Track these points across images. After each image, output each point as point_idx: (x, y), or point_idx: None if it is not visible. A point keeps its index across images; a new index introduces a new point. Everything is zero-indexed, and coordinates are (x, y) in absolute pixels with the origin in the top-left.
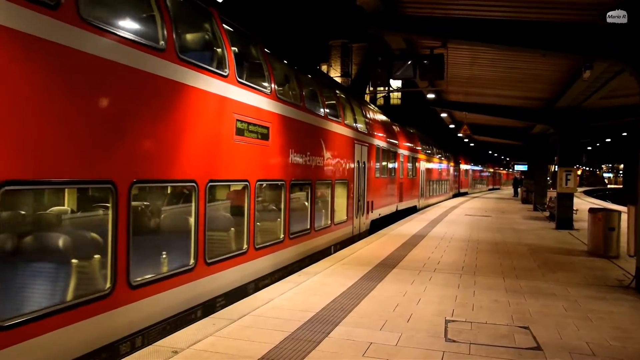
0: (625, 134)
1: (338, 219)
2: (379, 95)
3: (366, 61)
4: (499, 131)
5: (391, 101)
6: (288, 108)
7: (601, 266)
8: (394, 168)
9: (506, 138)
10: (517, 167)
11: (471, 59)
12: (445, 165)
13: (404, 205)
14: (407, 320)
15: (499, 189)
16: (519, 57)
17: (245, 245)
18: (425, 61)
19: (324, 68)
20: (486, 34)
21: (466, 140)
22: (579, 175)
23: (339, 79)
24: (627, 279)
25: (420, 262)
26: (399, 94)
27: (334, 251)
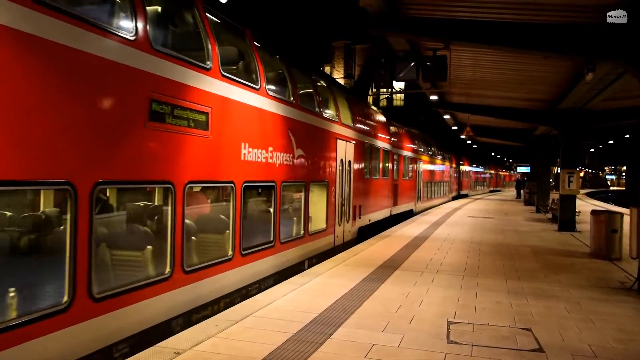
0: (628, 136)
1: (314, 227)
2: (382, 97)
3: (369, 63)
4: (501, 133)
5: (394, 103)
6: (240, 91)
7: (603, 268)
8: (387, 168)
9: (509, 140)
10: (519, 169)
11: (474, 60)
12: (444, 167)
13: (398, 209)
14: (409, 322)
15: (499, 190)
16: (521, 59)
17: (168, 268)
18: (428, 63)
19: (327, 69)
20: (489, 35)
21: (469, 142)
22: (581, 177)
23: (341, 81)
24: (630, 281)
25: (422, 263)
26: (402, 95)
27: (309, 266)
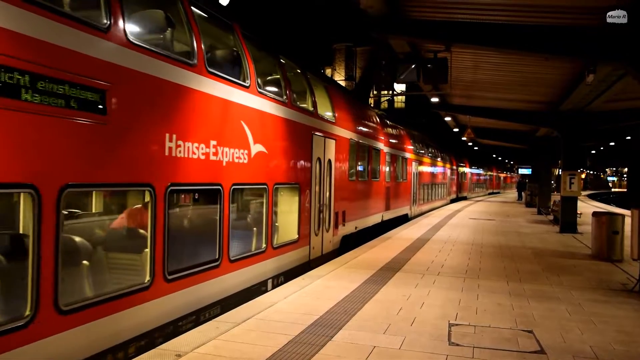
0: (629, 137)
1: (281, 239)
2: (383, 99)
3: (370, 65)
4: (503, 134)
5: (395, 105)
6: (164, 66)
7: (605, 270)
8: (377, 169)
9: (510, 141)
10: (521, 171)
11: (475, 62)
12: (441, 168)
13: (391, 214)
14: (410, 324)
15: (499, 192)
16: (522, 60)
17: (28, 312)
18: (429, 65)
19: (328, 72)
20: (489, 37)
21: (470, 144)
22: (583, 179)
23: (343, 83)
24: (631, 283)
25: (424, 265)
26: (403, 97)
27: (274, 286)
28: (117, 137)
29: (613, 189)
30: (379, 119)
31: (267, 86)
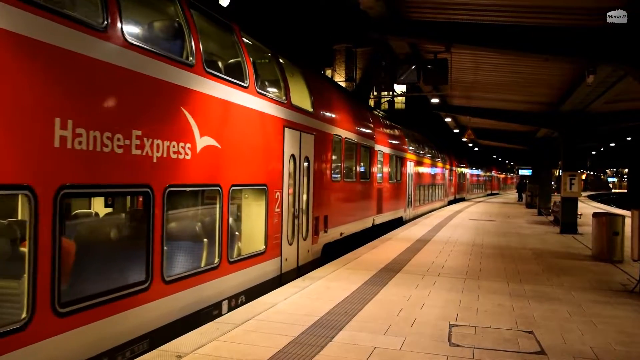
0: (629, 138)
1: (242, 251)
2: (383, 100)
3: (370, 66)
4: (503, 135)
5: (395, 106)
6: (50, 26)
7: (605, 270)
8: (367, 169)
9: (510, 142)
10: (521, 172)
11: (475, 63)
12: (439, 168)
13: (384, 217)
14: (411, 325)
15: (497, 194)
16: (522, 61)
17: None
18: (429, 66)
19: (328, 72)
20: (489, 38)
21: (470, 145)
22: (583, 180)
23: (343, 84)
24: (631, 284)
25: (424, 266)
26: (404, 98)
27: (230, 308)
28: None
29: (613, 190)
30: (370, 115)
31: (219, 66)
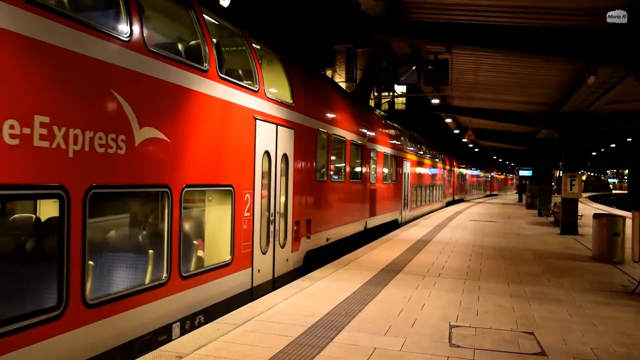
0: (630, 139)
1: (201, 262)
2: (383, 101)
3: (371, 66)
4: (503, 136)
5: (396, 107)
6: None
7: (606, 271)
8: (359, 169)
9: (511, 143)
10: (521, 172)
11: (475, 64)
12: (438, 169)
13: (377, 220)
14: (411, 326)
15: (496, 195)
16: (522, 62)
17: None
18: (429, 66)
19: (328, 73)
20: (490, 39)
21: (471, 146)
22: (583, 181)
23: (343, 84)
24: (632, 285)
25: (424, 267)
26: (404, 99)
27: (183, 332)
28: None
29: (614, 191)
30: (363, 111)
31: (170, 46)
